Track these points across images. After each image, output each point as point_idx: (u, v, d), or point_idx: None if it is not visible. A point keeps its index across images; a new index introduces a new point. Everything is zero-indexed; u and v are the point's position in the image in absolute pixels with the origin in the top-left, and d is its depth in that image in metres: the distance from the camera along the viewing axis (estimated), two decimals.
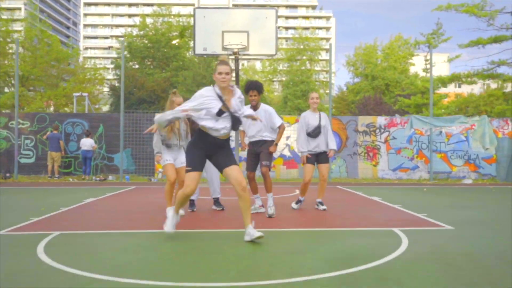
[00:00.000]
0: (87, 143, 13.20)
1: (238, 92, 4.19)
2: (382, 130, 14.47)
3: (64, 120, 14.17)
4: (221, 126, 4.05)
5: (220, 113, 3.99)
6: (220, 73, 4.04)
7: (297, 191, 9.44)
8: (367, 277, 3.09)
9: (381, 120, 14.56)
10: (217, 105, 4.00)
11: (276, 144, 5.81)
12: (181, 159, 5.66)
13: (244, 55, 9.40)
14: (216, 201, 6.46)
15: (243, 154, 11.37)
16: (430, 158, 13.88)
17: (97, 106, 33.80)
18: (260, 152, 5.81)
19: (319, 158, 6.34)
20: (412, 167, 14.43)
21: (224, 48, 9.24)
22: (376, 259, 3.53)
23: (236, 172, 4.10)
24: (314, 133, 6.24)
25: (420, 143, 14.50)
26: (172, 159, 5.66)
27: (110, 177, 13.35)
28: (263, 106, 5.86)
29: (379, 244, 4.13)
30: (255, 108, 5.81)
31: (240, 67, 29.89)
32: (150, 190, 9.72)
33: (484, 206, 7.18)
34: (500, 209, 6.72)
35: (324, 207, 6.40)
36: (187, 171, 4.12)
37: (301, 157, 6.33)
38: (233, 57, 9.49)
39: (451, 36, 25.98)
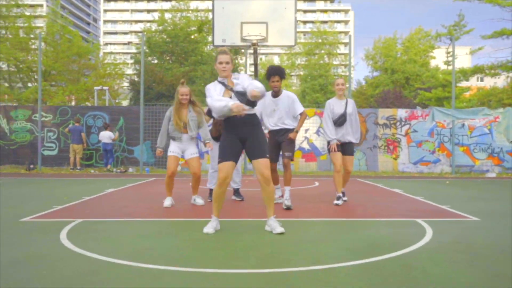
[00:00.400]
0: (105, 136, 13.35)
1: (240, 77, 4.14)
2: (403, 123, 14.23)
3: (86, 113, 14.36)
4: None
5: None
6: (220, 63, 4.09)
7: (317, 183, 9.38)
8: (391, 265, 3.02)
9: (402, 112, 14.32)
10: (221, 91, 4.09)
11: (297, 132, 5.57)
12: (191, 150, 5.68)
13: (263, 46, 9.35)
14: (236, 192, 6.45)
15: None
16: (452, 151, 13.60)
17: (117, 101, 34.22)
18: (281, 142, 5.59)
19: (344, 148, 5.96)
20: (434, 161, 14.17)
21: (243, 39, 9.20)
22: (400, 248, 3.46)
23: (262, 165, 4.03)
24: (339, 121, 5.87)
25: (441, 136, 14.21)
26: (179, 151, 5.67)
27: (130, 169, 13.50)
28: (285, 93, 5.62)
29: (402, 234, 4.05)
30: (277, 94, 5.58)
31: (259, 60, 29.85)
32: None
33: (509, 198, 6.99)
34: None
35: (341, 200, 5.94)
36: (218, 162, 4.08)
37: (329, 146, 5.88)
38: (251, 48, 9.45)
39: (474, 28, 25.29)
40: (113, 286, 2.57)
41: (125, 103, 39.94)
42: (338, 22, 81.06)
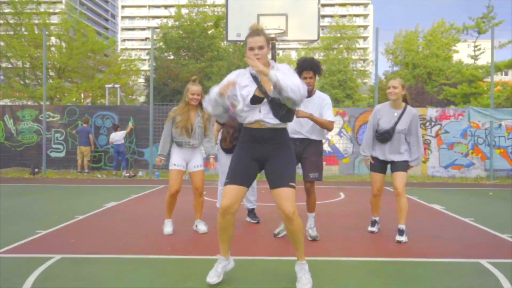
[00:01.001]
0: (117, 137, 12.57)
1: (281, 67, 3.06)
2: (433, 123, 13.10)
3: (94, 113, 13.63)
4: (260, 118, 3.00)
5: (254, 100, 2.97)
6: (251, 49, 2.96)
7: (342, 195, 8.39)
8: None
9: (432, 112, 13.18)
10: (251, 90, 2.99)
11: (310, 116, 4.20)
12: (196, 161, 4.77)
13: (282, 41, 8.38)
14: (251, 212, 5.51)
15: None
16: (490, 155, 12.40)
17: (133, 97, 33.72)
18: (303, 157, 4.40)
19: (392, 164, 4.65)
20: (467, 164, 13.01)
21: None
22: None
23: (283, 197, 2.99)
24: (381, 137, 4.58)
25: (476, 137, 13.03)
26: (184, 162, 4.74)
27: (140, 173, 12.71)
28: (319, 93, 4.44)
29: None
30: (309, 93, 4.30)
31: (276, 56, 28.91)
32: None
33: None
34: None
35: (402, 238, 4.47)
36: (225, 183, 3.11)
37: (364, 161, 4.88)
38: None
39: (503, 20, 23.76)
40: None
41: (141, 99, 39.49)
42: (357, 16, 79.48)
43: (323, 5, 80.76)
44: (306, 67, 4.27)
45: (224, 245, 3.14)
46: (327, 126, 4.29)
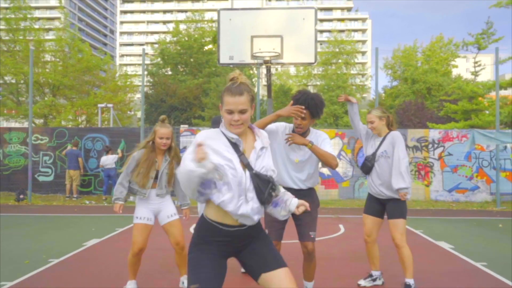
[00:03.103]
0: (108, 161, 12.06)
1: (264, 135, 2.39)
2: (436, 145, 12.65)
3: (84, 135, 13.15)
4: (245, 211, 2.21)
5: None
6: (230, 112, 2.23)
7: (342, 229, 7.84)
8: None
9: (435, 133, 12.73)
10: (231, 158, 2.23)
11: (309, 145, 3.43)
12: (168, 211, 4.03)
13: (278, 64, 7.94)
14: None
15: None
16: (496, 179, 11.88)
17: (131, 113, 33.33)
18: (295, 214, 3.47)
19: (386, 207, 4.17)
20: (471, 188, 12.51)
21: (253, 56, 7.78)
22: None
23: (287, 278, 2.25)
24: (364, 168, 4.24)
25: (480, 160, 12.57)
26: (151, 215, 4.01)
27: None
28: (314, 131, 3.68)
29: None
30: (303, 134, 3.60)
31: (274, 71, 28.43)
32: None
33: None
34: None
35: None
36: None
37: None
38: (264, 66, 8.03)
39: (503, 36, 23.55)
40: None
41: (138, 114, 39.18)
42: (356, 31, 79.84)
43: (322, 20, 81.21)
44: (305, 104, 3.44)
45: None
46: (329, 160, 3.42)
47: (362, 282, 4.32)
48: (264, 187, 2.22)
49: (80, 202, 11.72)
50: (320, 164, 3.70)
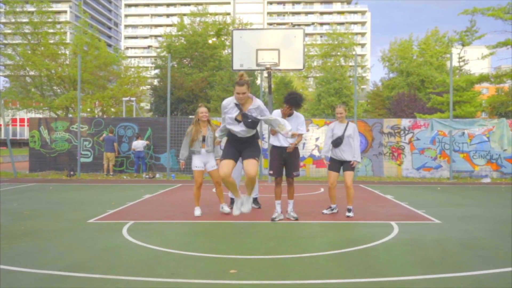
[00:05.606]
0: (139, 145, 14.94)
1: (257, 103, 4.89)
2: (406, 132, 15.46)
3: (117, 124, 16.01)
4: (238, 129, 4.91)
5: (237, 119, 4.88)
6: (238, 93, 4.79)
7: (322, 190, 10.75)
8: (354, 255, 4.41)
9: (405, 122, 15.54)
10: (234, 114, 4.89)
11: (294, 147, 6.23)
12: (212, 163, 6.73)
13: (276, 70, 10.77)
14: (254, 200, 7.61)
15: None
16: (451, 158, 14.75)
17: (141, 105, 35.98)
18: (288, 159, 6.23)
19: (343, 165, 6.73)
20: (436, 166, 15.34)
21: (258, 64, 10.64)
22: (367, 243, 4.83)
23: (249, 165, 4.89)
24: (335, 142, 6.68)
25: (443, 143, 15.38)
26: (202, 164, 6.65)
27: (157, 175, 15.07)
28: (296, 113, 6.35)
29: (374, 233, 5.41)
30: (289, 114, 6.26)
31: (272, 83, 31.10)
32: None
33: (484, 203, 8.24)
34: (497, 207, 7.78)
35: (349, 214, 6.63)
36: (221, 158, 5.05)
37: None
38: (266, 72, 10.91)
39: (486, 33, 26.05)
40: (172, 266, 4.03)
41: (147, 107, 41.89)
42: (355, 23, 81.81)
43: (322, 13, 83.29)
44: (287, 102, 6.32)
45: (235, 191, 5.15)
46: (299, 141, 6.36)
47: (325, 211, 7.18)
48: (246, 119, 4.87)
49: (119, 177, 14.65)
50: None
